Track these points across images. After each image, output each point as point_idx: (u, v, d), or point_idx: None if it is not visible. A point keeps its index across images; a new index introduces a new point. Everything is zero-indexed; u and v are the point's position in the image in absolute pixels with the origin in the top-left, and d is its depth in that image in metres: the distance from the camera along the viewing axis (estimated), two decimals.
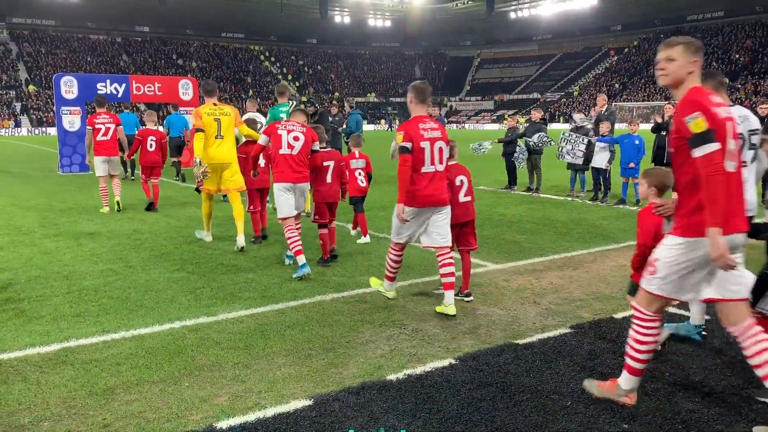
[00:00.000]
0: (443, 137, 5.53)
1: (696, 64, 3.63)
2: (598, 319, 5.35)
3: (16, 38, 73.79)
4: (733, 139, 3.46)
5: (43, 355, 4.53)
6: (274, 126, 7.22)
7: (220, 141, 8.10)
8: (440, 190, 5.49)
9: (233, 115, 8.27)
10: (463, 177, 5.93)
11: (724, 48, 71.81)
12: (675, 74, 3.62)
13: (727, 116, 3.48)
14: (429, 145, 5.40)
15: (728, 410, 3.70)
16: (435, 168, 5.44)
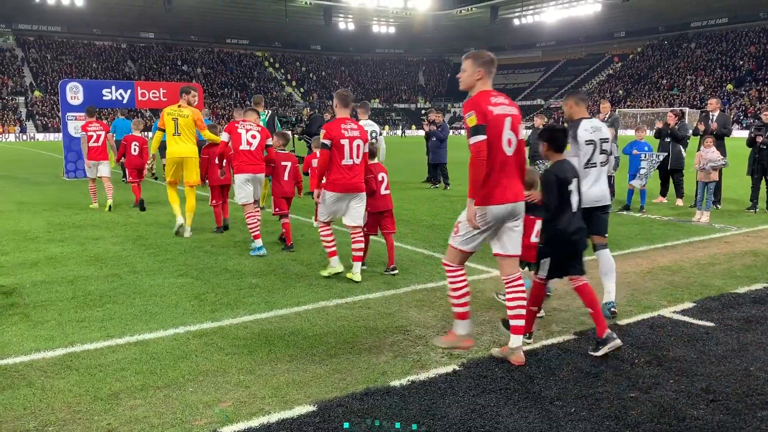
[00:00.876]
0: (361, 136, 6.69)
1: (481, 73, 4.52)
2: None
3: (22, 44, 74.20)
4: (511, 131, 4.41)
5: (48, 360, 4.55)
6: (233, 125, 8.39)
7: (177, 138, 9.13)
8: (357, 179, 6.70)
9: (192, 117, 9.19)
10: (384, 174, 7.12)
11: (729, 54, 71.75)
12: (465, 81, 4.58)
13: (502, 114, 4.38)
14: (348, 143, 6.59)
15: (733, 417, 3.69)
16: (353, 161, 6.65)
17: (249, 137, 8.23)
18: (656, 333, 5.11)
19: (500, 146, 4.34)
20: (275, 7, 78.72)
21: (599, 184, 5.49)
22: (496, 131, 4.31)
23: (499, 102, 4.43)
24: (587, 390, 4.04)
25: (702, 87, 68.25)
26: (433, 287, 6.51)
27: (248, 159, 8.18)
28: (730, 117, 14.61)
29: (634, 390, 4.05)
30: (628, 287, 6.46)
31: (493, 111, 4.33)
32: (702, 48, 75.47)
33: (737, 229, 9.99)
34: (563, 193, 4.80)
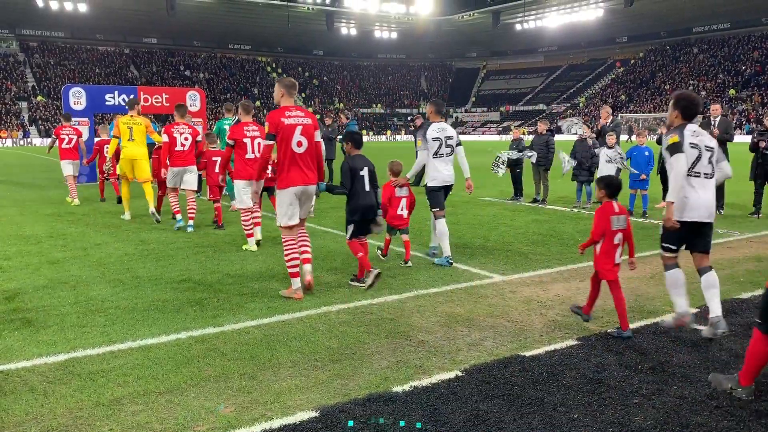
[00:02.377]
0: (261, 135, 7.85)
1: (283, 93, 6.38)
2: (605, 331, 5.33)
3: (26, 49, 74.46)
4: (302, 135, 6.27)
5: (50, 365, 4.54)
6: (170, 129, 10.47)
7: (131, 143, 11.19)
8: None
9: (143, 125, 11.31)
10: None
11: (731, 60, 71.75)
12: (275, 99, 6.45)
13: (294, 123, 6.25)
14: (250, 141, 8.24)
15: (737, 424, 3.67)
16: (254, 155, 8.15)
17: (182, 139, 10.44)
18: (660, 339, 5.09)
19: (290, 146, 6.23)
20: (277, 12, 78.90)
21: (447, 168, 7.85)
22: (286, 135, 6.20)
23: (293, 114, 6.28)
24: (591, 396, 4.03)
25: (704, 92, 68.23)
26: (435, 293, 6.50)
27: (182, 156, 10.44)
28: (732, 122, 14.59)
29: (637, 396, 4.03)
30: (632, 293, 6.44)
31: (284, 122, 6.20)
32: (704, 53, 75.50)
33: (740, 234, 9.97)
34: (355, 178, 6.76)
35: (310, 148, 6.33)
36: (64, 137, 13.86)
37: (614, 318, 5.67)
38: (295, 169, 6.24)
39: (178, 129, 10.47)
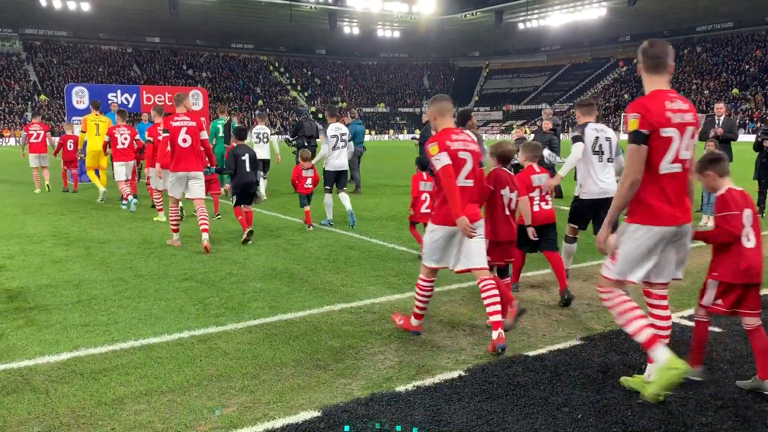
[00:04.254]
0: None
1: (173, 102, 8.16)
2: (609, 330, 5.31)
3: (29, 49, 74.56)
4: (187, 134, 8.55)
5: (53, 364, 4.54)
6: (112, 131, 12.56)
7: (97, 137, 13.55)
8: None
9: (107, 122, 13.73)
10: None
11: (735, 59, 71.57)
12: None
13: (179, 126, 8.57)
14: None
15: (742, 424, 3.65)
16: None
17: (122, 139, 12.45)
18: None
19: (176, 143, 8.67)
20: (280, 11, 78.86)
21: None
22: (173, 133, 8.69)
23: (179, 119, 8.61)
24: (594, 396, 4.01)
25: (707, 91, 68.09)
26: (438, 292, 6.47)
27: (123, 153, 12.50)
28: (736, 121, 14.53)
29: (641, 396, 4.01)
30: (634, 293, 6.41)
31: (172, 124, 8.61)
32: (707, 52, 75.32)
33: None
34: (238, 162, 9.15)
35: (193, 144, 8.72)
36: (32, 133, 15.91)
37: None
38: (182, 158, 8.68)
39: (119, 130, 12.47)
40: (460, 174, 4.87)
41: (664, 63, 3.97)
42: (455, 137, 4.93)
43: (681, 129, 3.84)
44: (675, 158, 3.83)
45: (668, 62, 3.96)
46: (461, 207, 4.72)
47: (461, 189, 4.81)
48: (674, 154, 3.83)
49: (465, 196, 4.84)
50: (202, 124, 8.98)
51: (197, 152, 8.78)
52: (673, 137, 3.82)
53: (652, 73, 4.03)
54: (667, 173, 3.83)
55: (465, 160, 4.89)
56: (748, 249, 4.00)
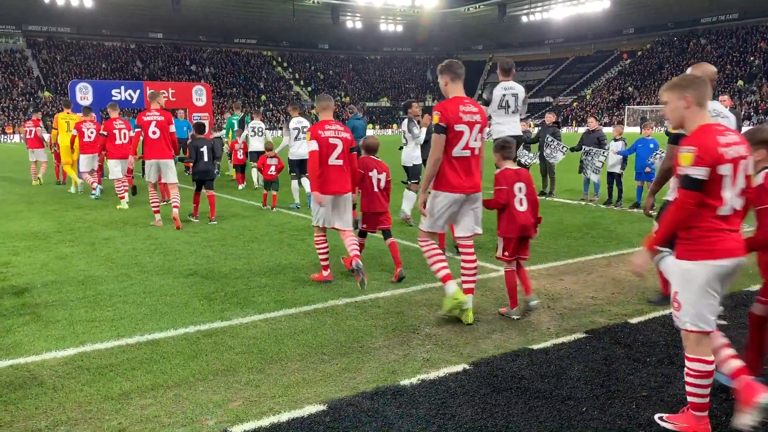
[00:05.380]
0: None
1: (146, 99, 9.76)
2: (614, 323, 5.31)
3: (32, 45, 74.61)
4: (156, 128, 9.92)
5: (59, 359, 4.56)
6: (79, 125, 13.67)
7: (68, 133, 14.36)
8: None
9: (76, 119, 14.50)
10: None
11: (739, 50, 71.19)
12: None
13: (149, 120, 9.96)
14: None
15: None
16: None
17: (88, 133, 13.56)
18: (668, 332, 5.07)
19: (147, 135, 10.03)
20: (283, 6, 78.69)
21: None
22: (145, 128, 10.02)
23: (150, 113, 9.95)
24: (599, 389, 4.02)
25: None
26: (443, 286, 6.48)
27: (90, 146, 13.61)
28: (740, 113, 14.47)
29: (646, 389, 4.02)
30: (639, 285, 6.42)
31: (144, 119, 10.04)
32: (712, 44, 74.90)
33: (748, 226, 9.89)
34: (198, 153, 10.32)
35: (162, 136, 10.05)
36: (26, 130, 17.00)
37: (622, 310, 5.65)
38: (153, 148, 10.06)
39: (85, 125, 13.56)
40: (331, 155, 6.47)
41: (460, 75, 5.45)
42: (328, 127, 6.54)
43: (470, 126, 5.22)
44: (465, 146, 5.23)
45: (462, 75, 5.48)
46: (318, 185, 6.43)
47: (332, 167, 6.46)
48: (465, 143, 5.21)
49: (336, 172, 6.50)
50: (171, 118, 10.50)
51: (167, 142, 10.20)
52: (464, 131, 5.20)
53: (452, 83, 5.44)
54: (459, 156, 5.22)
55: (336, 145, 6.49)
56: (520, 212, 5.47)
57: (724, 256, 3.32)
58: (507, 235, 5.50)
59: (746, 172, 3.40)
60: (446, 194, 5.24)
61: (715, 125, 3.40)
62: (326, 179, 6.45)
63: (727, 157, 3.27)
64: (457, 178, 5.21)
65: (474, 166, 5.32)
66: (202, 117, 20.28)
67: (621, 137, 12.50)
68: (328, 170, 6.46)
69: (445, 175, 5.22)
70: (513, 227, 5.45)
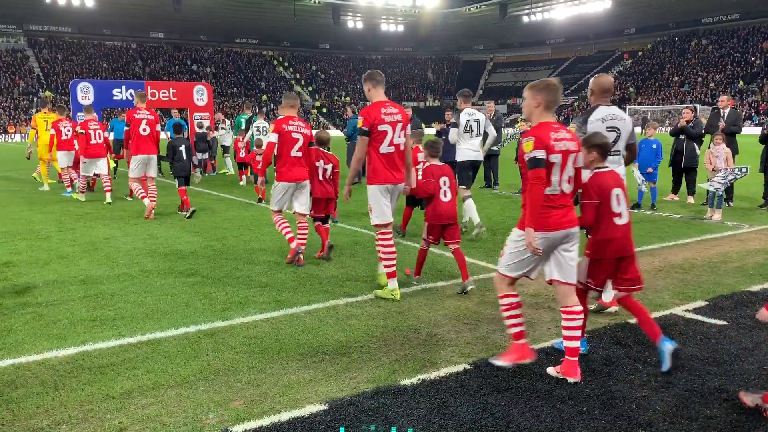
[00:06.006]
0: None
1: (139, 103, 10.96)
2: (614, 324, 5.32)
3: (33, 45, 74.65)
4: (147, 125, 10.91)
5: (61, 358, 4.57)
6: (56, 124, 14.09)
7: (47, 132, 14.70)
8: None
9: (54, 117, 14.81)
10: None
11: (740, 51, 71.13)
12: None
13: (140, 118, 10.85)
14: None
15: (746, 417, 3.66)
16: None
17: (65, 131, 14.00)
18: (668, 332, 5.06)
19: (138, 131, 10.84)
20: (284, 6, 78.70)
21: None
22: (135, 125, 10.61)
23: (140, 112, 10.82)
24: (599, 389, 4.02)
25: (713, 84, 67.73)
26: (443, 286, 6.50)
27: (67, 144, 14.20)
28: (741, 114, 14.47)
29: (646, 389, 4.03)
30: None
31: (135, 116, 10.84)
32: (713, 44, 74.87)
33: (750, 227, 9.91)
34: (176, 151, 11.13)
35: (151, 133, 10.90)
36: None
37: (622, 310, 5.65)
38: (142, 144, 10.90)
39: (62, 123, 14.05)
40: (293, 148, 7.41)
41: (381, 82, 6.18)
42: (291, 123, 7.44)
43: (393, 125, 5.99)
44: (390, 143, 5.99)
45: (383, 82, 6.18)
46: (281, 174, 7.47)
47: (293, 158, 7.43)
48: (389, 140, 5.97)
49: (296, 162, 7.47)
50: (158, 117, 11.39)
51: (155, 139, 11.10)
52: (387, 130, 5.96)
53: (374, 89, 6.16)
54: (385, 152, 5.99)
55: (297, 139, 7.42)
56: (443, 202, 6.23)
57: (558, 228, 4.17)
58: (432, 222, 6.35)
59: (575, 165, 4.23)
60: (378, 186, 6.05)
61: (552, 123, 4.20)
62: (288, 168, 7.44)
63: (557, 149, 4.08)
64: (385, 171, 6.02)
65: (398, 160, 6.11)
66: (203, 117, 20.29)
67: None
68: (290, 160, 7.44)
69: (375, 170, 6.03)
70: (436, 215, 6.28)
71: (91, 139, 13.19)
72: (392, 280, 6.02)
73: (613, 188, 4.41)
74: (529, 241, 4.09)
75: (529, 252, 4.17)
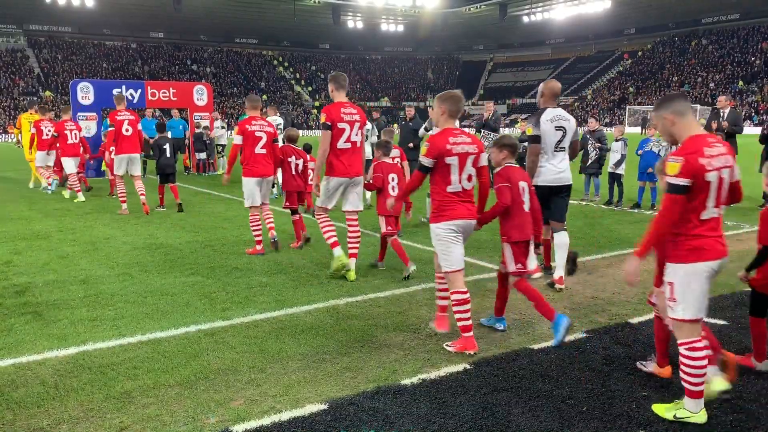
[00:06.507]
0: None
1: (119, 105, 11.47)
2: (614, 323, 5.32)
3: (33, 44, 74.65)
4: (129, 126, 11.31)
5: (61, 358, 4.58)
6: (37, 123, 14.58)
7: (32, 132, 14.91)
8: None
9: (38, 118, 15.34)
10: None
11: (740, 51, 71.12)
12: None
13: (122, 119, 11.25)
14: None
15: (746, 416, 3.66)
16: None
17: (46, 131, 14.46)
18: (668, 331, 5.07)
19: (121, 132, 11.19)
20: (284, 6, 78.67)
21: None
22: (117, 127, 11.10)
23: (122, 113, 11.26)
24: (599, 388, 4.03)
25: (713, 84, 67.73)
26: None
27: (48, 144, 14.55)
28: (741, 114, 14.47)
29: (646, 389, 4.03)
30: (640, 285, 6.41)
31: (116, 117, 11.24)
32: (713, 44, 74.86)
33: (750, 226, 9.91)
34: (161, 150, 11.59)
35: (133, 134, 11.34)
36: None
37: (622, 310, 5.66)
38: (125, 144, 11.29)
39: (42, 123, 14.50)
40: (257, 146, 7.97)
41: (344, 86, 6.75)
42: (254, 122, 8.05)
43: (351, 124, 6.58)
44: (347, 140, 6.58)
45: (346, 85, 6.80)
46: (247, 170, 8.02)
47: (258, 155, 7.99)
48: (346, 137, 6.55)
49: (262, 158, 8.04)
50: (139, 117, 11.95)
51: (137, 139, 11.53)
52: (345, 128, 6.54)
53: (337, 91, 6.75)
54: (342, 148, 6.55)
55: (261, 137, 8.00)
56: (392, 197, 6.24)
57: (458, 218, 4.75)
58: (383, 214, 7.04)
59: (476, 164, 4.81)
60: (335, 178, 6.60)
61: (453, 129, 4.81)
62: (254, 165, 8.01)
63: (454, 152, 4.68)
64: (341, 166, 6.55)
65: (355, 156, 6.68)
66: (203, 117, 20.29)
67: (622, 137, 12.51)
68: (255, 157, 8.01)
69: (332, 164, 6.57)
70: (385, 207, 6.57)
71: (68, 139, 13.71)
72: (337, 249, 6.68)
73: (519, 180, 5.05)
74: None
75: (452, 246, 4.78)
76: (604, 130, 13.47)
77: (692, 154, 3.46)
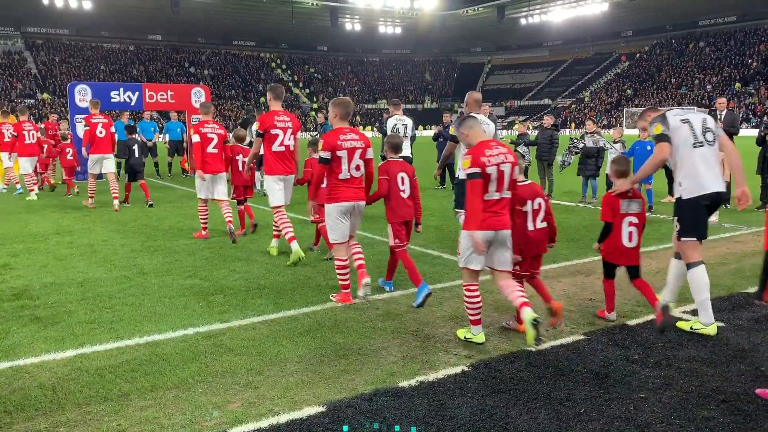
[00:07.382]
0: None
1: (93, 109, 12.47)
2: (611, 325, 5.33)
3: (31, 47, 74.60)
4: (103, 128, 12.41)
5: (59, 361, 4.57)
6: (19, 126, 14.83)
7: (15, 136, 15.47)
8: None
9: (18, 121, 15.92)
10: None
11: (738, 53, 71.30)
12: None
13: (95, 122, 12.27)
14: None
15: (744, 418, 3.67)
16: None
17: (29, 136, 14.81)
18: (666, 333, 5.09)
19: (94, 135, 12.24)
20: (281, 8, 78.77)
21: None
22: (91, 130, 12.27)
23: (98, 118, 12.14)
24: (597, 390, 4.03)
25: (710, 86, 67.88)
26: (441, 288, 6.50)
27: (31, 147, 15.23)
28: (738, 116, 14.50)
29: (643, 390, 4.04)
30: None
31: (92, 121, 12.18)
32: (710, 46, 75.05)
33: (747, 228, 9.93)
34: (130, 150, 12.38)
35: (106, 135, 12.22)
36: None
37: (620, 312, 5.67)
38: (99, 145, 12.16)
39: (24, 126, 14.93)
40: (209, 146, 9.04)
41: (280, 96, 7.72)
42: (206, 125, 9.10)
43: (284, 130, 7.50)
44: (281, 143, 7.49)
45: (282, 95, 7.77)
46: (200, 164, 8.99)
47: (210, 154, 9.05)
48: (280, 141, 7.48)
49: (213, 157, 9.10)
50: (112, 120, 12.86)
51: (110, 140, 12.38)
52: (279, 134, 7.47)
53: (274, 100, 7.68)
54: (277, 151, 7.50)
55: (212, 138, 9.06)
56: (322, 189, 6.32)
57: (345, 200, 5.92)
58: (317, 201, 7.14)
59: (363, 157, 5.96)
60: (273, 176, 7.55)
61: (344, 129, 5.95)
62: (206, 163, 9.02)
63: (344, 147, 5.81)
64: (278, 165, 7.54)
65: (288, 157, 7.60)
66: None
67: (620, 139, 12.53)
68: (207, 156, 9.02)
69: (269, 164, 7.54)
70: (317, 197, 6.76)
71: (25, 139, 14.61)
72: (294, 243, 7.45)
73: (398, 172, 6.11)
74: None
75: (339, 223, 5.96)
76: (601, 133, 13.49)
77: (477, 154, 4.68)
